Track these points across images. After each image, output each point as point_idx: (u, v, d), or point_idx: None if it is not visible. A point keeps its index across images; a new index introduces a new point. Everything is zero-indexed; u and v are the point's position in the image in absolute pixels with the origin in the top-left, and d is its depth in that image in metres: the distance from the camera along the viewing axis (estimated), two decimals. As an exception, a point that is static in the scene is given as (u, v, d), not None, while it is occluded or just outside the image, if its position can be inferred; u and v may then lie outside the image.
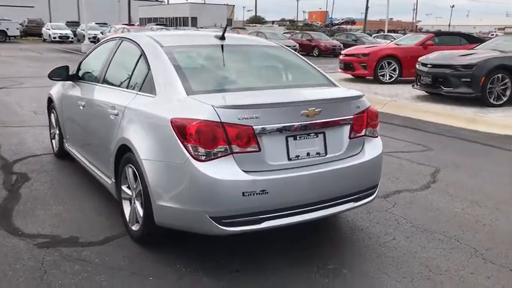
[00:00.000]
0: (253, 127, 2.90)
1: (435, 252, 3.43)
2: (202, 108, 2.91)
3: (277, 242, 3.50)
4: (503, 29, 71.06)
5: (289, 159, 3.06)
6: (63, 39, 36.38)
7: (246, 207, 2.89)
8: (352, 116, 3.32)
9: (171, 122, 2.95)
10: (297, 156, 3.09)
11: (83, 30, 31.35)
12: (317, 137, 3.18)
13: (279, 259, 3.26)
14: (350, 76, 13.96)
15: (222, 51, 3.75)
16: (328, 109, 3.18)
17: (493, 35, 39.71)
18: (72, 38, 36.90)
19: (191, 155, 2.86)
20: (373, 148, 3.50)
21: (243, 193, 2.85)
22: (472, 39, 13.61)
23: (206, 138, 2.84)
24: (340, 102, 3.34)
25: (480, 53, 9.61)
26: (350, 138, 3.33)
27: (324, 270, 3.12)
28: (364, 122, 3.42)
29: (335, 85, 3.75)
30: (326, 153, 3.21)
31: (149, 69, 3.48)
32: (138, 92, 3.53)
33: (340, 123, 3.27)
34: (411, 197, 4.59)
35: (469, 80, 8.96)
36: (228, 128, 2.86)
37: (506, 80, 8.98)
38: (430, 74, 9.67)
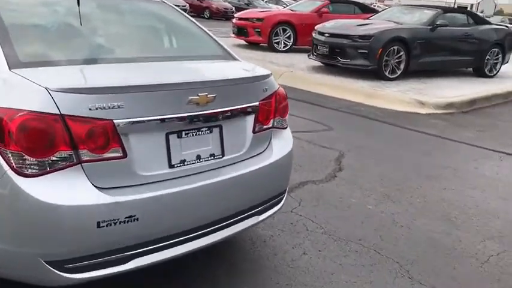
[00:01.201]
0: (114, 121, 1.92)
1: (354, 271, 2.78)
2: (30, 92, 1.85)
3: (152, 273, 2.58)
4: (383, 1, 75.00)
5: (172, 166, 2.14)
6: None
7: (104, 243, 1.93)
8: (257, 103, 2.46)
9: (-20, 113, 1.85)
10: (183, 162, 2.17)
11: None
12: (211, 132, 2.28)
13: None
14: (244, 42, 13.09)
15: (78, 5, 2.64)
16: (226, 94, 2.29)
17: (374, 6, 41.27)
18: None
19: (11, 167, 1.80)
20: (282, 143, 2.69)
21: (99, 223, 1.88)
22: (366, 9, 13.45)
23: (36, 140, 1.80)
24: (243, 84, 2.45)
25: (377, 24, 9.31)
26: (254, 132, 2.48)
27: (218, 316, 2.30)
28: (272, 110, 2.58)
29: (234, 58, 2.84)
30: (223, 155, 2.33)
31: (-45, 25, 2.28)
32: None
33: (243, 112, 2.40)
34: (318, 190, 3.93)
35: (366, 51, 8.59)
36: (73, 124, 1.84)
37: (402, 53, 8.75)
38: (327, 43, 9.16)
